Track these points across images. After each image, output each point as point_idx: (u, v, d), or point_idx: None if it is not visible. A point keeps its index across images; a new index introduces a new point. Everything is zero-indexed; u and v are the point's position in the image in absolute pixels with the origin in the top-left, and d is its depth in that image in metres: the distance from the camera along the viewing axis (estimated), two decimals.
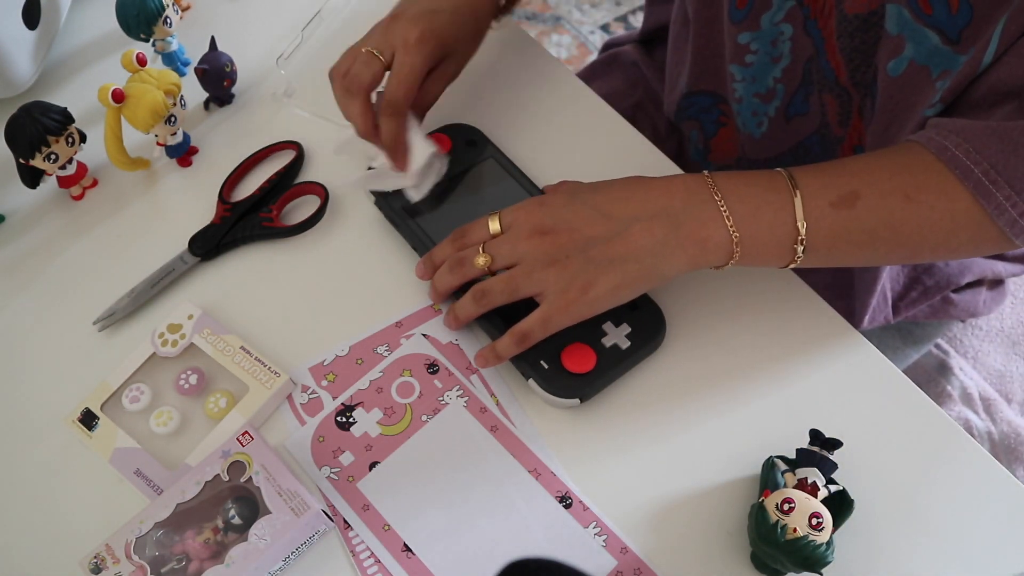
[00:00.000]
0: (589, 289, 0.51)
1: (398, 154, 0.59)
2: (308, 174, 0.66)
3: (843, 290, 0.72)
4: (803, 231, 0.50)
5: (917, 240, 0.52)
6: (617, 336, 0.55)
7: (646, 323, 0.56)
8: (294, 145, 0.67)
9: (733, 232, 0.50)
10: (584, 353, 0.54)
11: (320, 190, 0.64)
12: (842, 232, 0.51)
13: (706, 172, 0.52)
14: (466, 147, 0.64)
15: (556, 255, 0.51)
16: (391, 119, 0.57)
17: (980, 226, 0.51)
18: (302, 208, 0.65)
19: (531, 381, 0.54)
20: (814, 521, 0.46)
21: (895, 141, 0.60)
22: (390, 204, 0.61)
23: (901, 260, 0.55)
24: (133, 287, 0.60)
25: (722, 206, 0.50)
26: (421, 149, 0.59)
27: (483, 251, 0.53)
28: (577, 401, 0.54)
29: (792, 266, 0.52)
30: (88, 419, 0.55)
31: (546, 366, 0.54)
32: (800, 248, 0.51)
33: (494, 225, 0.54)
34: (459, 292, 0.56)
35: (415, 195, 0.61)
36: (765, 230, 0.51)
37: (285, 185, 0.65)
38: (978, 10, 0.50)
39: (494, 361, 0.54)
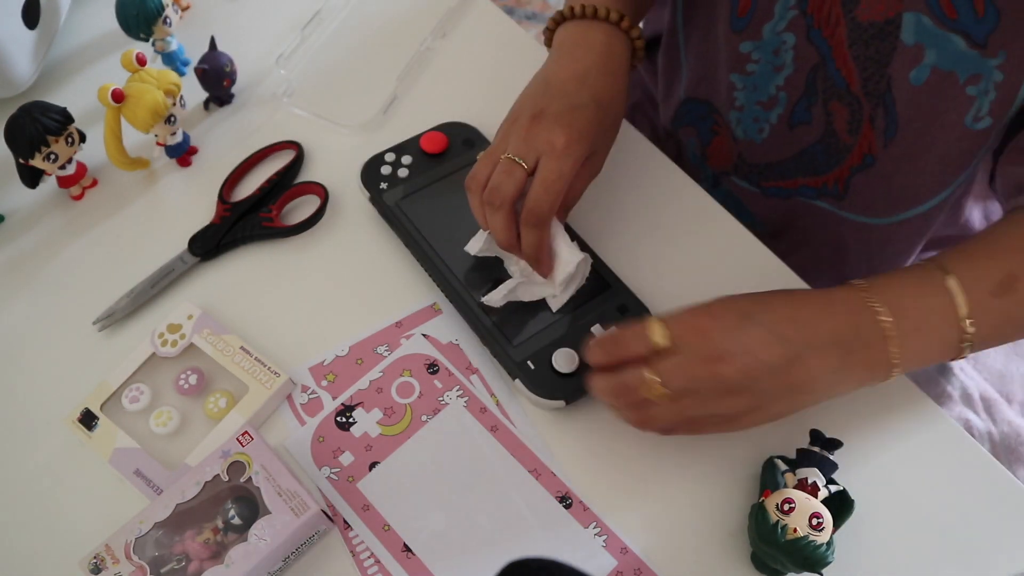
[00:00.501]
0: (756, 414, 0.48)
1: (542, 264, 0.54)
2: (308, 174, 0.66)
3: None
4: (972, 329, 0.48)
5: None
6: None
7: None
8: (294, 145, 0.67)
9: (894, 356, 0.48)
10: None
11: (320, 190, 0.64)
12: (1007, 318, 0.49)
13: (858, 283, 0.50)
14: (463, 146, 0.64)
15: (735, 386, 0.46)
16: (536, 230, 0.52)
17: None
18: (302, 208, 0.65)
19: (517, 381, 0.54)
20: (814, 521, 0.46)
21: (934, 152, 0.60)
22: (384, 201, 0.61)
23: None
24: (133, 287, 0.60)
25: (888, 328, 0.48)
26: (567, 257, 0.54)
27: (652, 375, 0.47)
28: (563, 403, 0.54)
29: (959, 359, 0.51)
30: (88, 419, 0.55)
31: (532, 367, 0.54)
32: (967, 347, 0.49)
33: (658, 337, 0.47)
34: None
35: (555, 304, 0.57)
36: (935, 340, 0.49)
37: (285, 185, 0.65)
38: (1006, 13, 0.49)
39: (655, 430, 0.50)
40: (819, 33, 0.59)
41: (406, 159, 0.63)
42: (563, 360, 0.54)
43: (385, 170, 0.63)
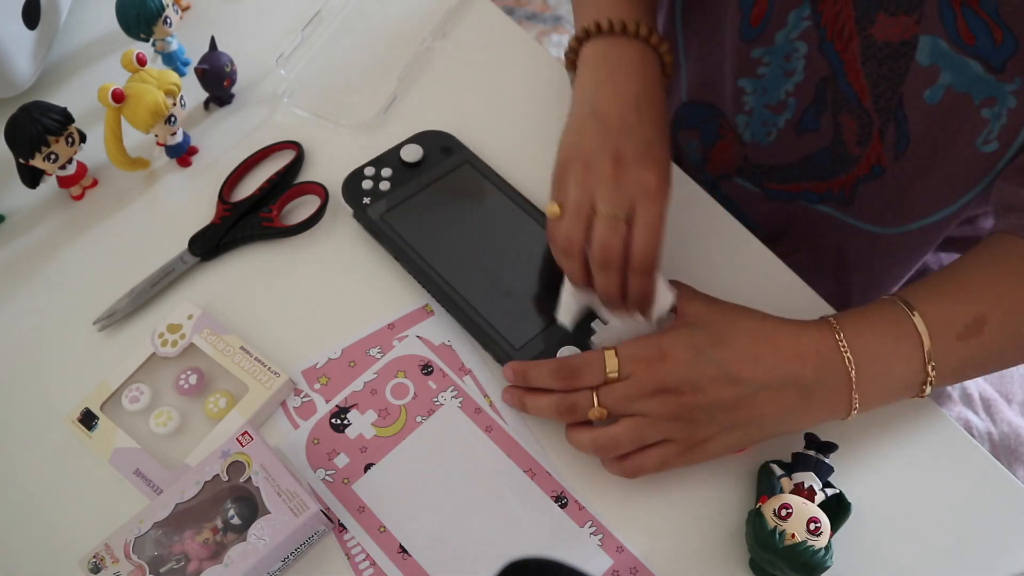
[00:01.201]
0: (708, 445, 0.49)
1: (647, 309, 0.52)
2: (308, 174, 0.66)
3: (843, 300, 0.72)
4: (933, 373, 0.49)
5: None
6: (605, 334, 0.55)
7: None
8: (294, 145, 0.67)
9: (855, 400, 0.49)
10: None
11: (320, 190, 0.64)
12: (971, 360, 0.50)
13: (832, 322, 0.50)
14: (440, 154, 0.64)
15: (680, 414, 0.48)
16: (648, 279, 0.50)
17: None
18: (302, 208, 0.65)
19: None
20: (812, 526, 0.46)
21: (944, 169, 0.60)
22: (368, 216, 0.61)
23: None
24: (133, 287, 0.61)
25: (853, 374, 0.48)
26: (664, 297, 0.53)
27: (598, 403, 0.49)
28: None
29: (918, 398, 0.51)
30: (88, 419, 0.55)
31: None
32: (928, 388, 0.50)
33: (611, 367, 0.49)
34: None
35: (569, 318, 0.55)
36: (896, 382, 0.50)
37: (285, 185, 0.65)
38: None
39: (577, 444, 0.51)
40: (831, 46, 0.59)
41: (386, 172, 0.63)
42: None
43: (366, 184, 0.62)
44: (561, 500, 0.52)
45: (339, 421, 0.55)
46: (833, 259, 0.74)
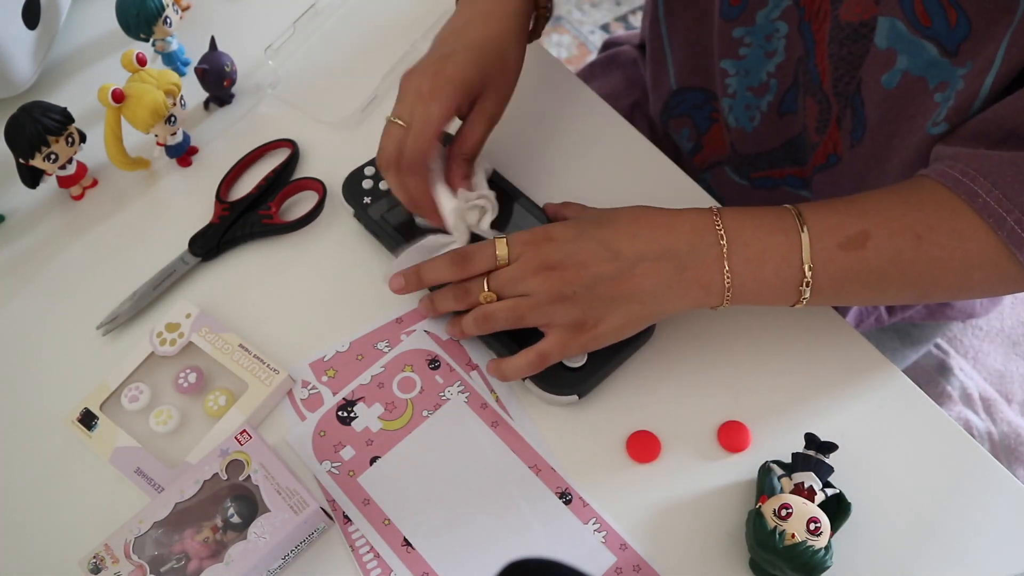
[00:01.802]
0: (596, 326, 0.51)
1: (424, 211, 0.57)
2: (305, 170, 0.66)
3: None
4: (809, 274, 0.49)
5: (928, 280, 0.51)
6: None
7: None
8: (289, 143, 0.67)
9: (727, 277, 0.50)
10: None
11: (318, 186, 0.64)
12: (850, 273, 0.50)
13: (714, 208, 0.52)
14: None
15: (563, 291, 0.50)
16: (411, 176, 0.55)
17: (997, 265, 0.49)
18: (300, 204, 0.65)
19: (528, 381, 0.54)
20: (812, 526, 0.46)
21: (899, 155, 0.60)
22: (369, 216, 0.61)
23: (912, 300, 0.54)
24: (135, 290, 0.60)
25: (724, 246, 0.50)
26: (447, 202, 0.56)
27: (488, 287, 0.52)
28: (575, 397, 0.54)
29: (798, 306, 0.52)
30: (87, 419, 0.55)
31: None
32: (807, 290, 0.50)
33: (500, 252, 0.52)
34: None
35: (458, 242, 0.57)
36: (770, 273, 0.50)
37: (282, 182, 0.65)
38: (976, 25, 0.50)
39: (504, 378, 0.54)
40: (808, 26, 0.60)
41: None
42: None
43: (367, 184, 0.62)
44: (565, 496, 0.52)
45: (346, 414, 0.55)
46: None
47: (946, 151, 0.52)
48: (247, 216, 0.63)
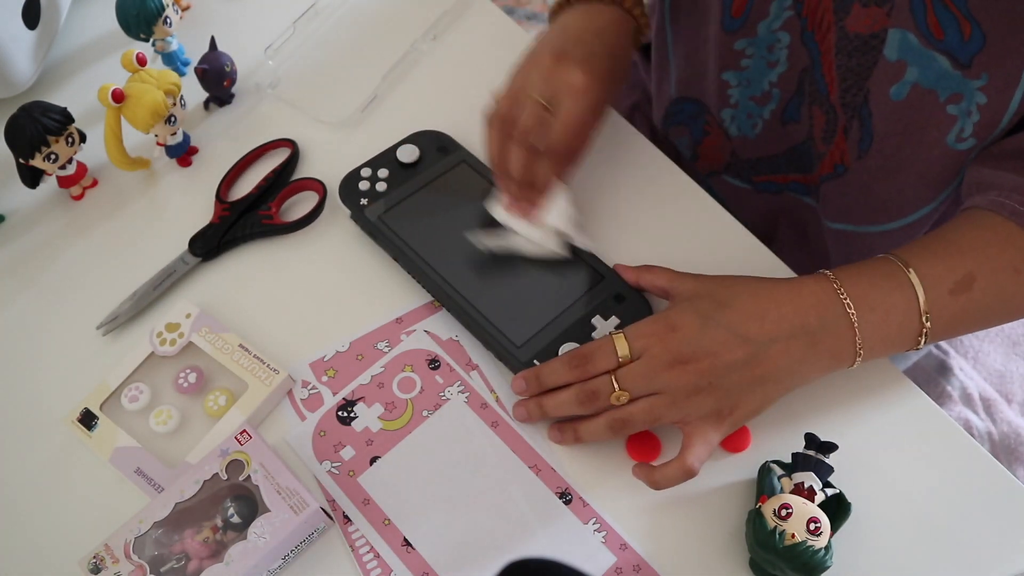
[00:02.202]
0: (732, 413, 0.50)
1: (540, 200, 0.57)
2: (305, 170, 0.66)
3: None
4: (928, 324, 0.51)
5: None
6: (607, 329, 0.55)
7: (634, 314, 0.56)
8: (289, 143, 0.67)
9: (859, 344, 0.50)
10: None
11: (318, 186, 0.64)
12: (961, 315, 0.51)
13: (830, 275, 0.52)
14: (437, 154, 0.64)
15: (699, 384, 0.49)
16: (555, 164, 0.55)
17: None
18: (301, 205, 0.65)
19: None
20: (812, 526, 0.46)
21: (913, 168, 0.60)
22: (366, 217, 0.61)
23: (1006, 322, 0.56)
24: (135, 290, 0.60)
25: (854, 319, 0.50)
26: (560, 207, 0.57)
27: (618, 386, 0.50)
28: None
29: (914, 350, 0.53)
30: (87, 419, 0.55)
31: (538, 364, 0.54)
32: (923, 339, 0.51)
33: (622, 350, 0.50)
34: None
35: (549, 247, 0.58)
36: (895, 331, 0.51)
37: (282, 183, 0.65)
38: (991, 38, 0.50)
39: (659, 487, 0.51)
40: (812, 36, 0.60)
41: (383, 172, 0.63)
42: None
43: (363, 186, 0.62)
44: (565, 496, 0.52)
45: (346, 414, 0.55)
46: (818, 256, 0.74)
47: (995, 178, 0.53)
48: (247, 216, 0.63)
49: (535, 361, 0.54)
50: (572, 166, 0.57)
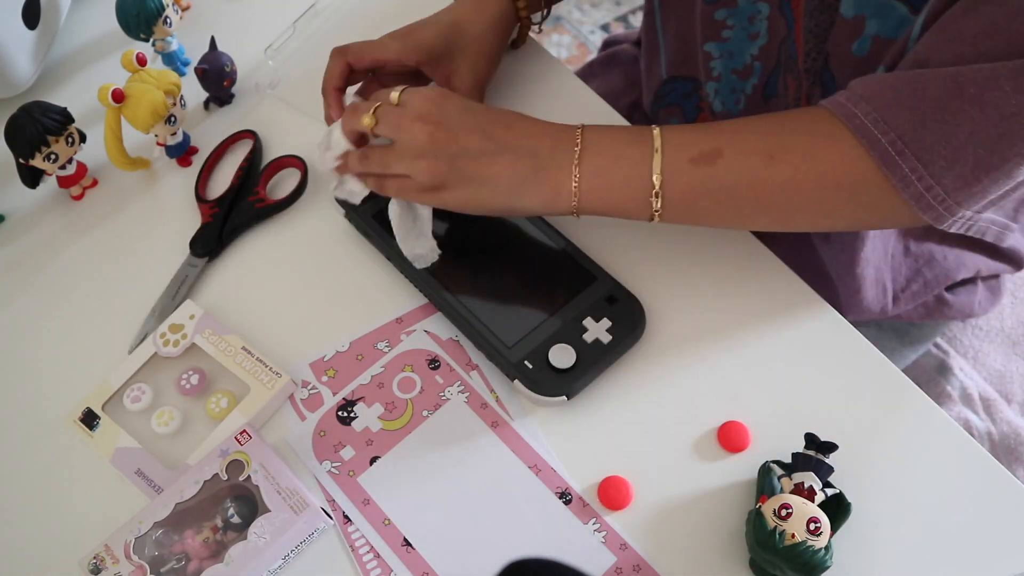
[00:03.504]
0: (441, 192, 0.54)
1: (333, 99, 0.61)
2: (274, 152, 0.67)
3: (816, 274, 0.70)
4: (658, 184, 0.51)
5: (783, 202, 0.51)
6: (598, 331, 0.55)
7: (626, 315, 0.56)
8: (250, 134, 0.67)
9: (575, 180, 0.52)
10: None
11: (297, 162, 0.65)
12: (700, 188, 0.51)
13: (582, 124, 0.54)
14: None
15: (428, 150, 0.53)
16: (333, 57, 0.61)
17: (865, 187, 0.49)
18: (284, 184, 0.66)
19: (516, 382, 0.54)
20: (812, 526, 0.46)
21: None
22: (359, 216, 0.61)
23: (775, 225, 0.55)
24: (153, 306, 0.60)
25: (576, 156, 0.52)
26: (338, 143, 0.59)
27: (373, 112, 0.54)
28: (564, 398, 0.54)
29: (654, 220, 0.53)
30: (89, 419, 0.55)
31: (530, 366, 0.54)
32: (656, 201, 0.52)
33: (392, 95, 0.55)
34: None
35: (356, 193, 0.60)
36: (621, 180, 0.52)
37: (256, 169, 0.66)
38: None
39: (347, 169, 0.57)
40: (788, 4, 0.59)
41: None
42: (560, 356, 0.54)
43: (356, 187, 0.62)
44: (565, 497, 0.52)
45: (346, 414, 0.55)
46: (801, 236, 0.73)
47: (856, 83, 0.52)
48: (239, 206, 0.63)
49: (526, 362, 0.54)
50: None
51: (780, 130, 0.51)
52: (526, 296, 0.57)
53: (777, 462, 0.51)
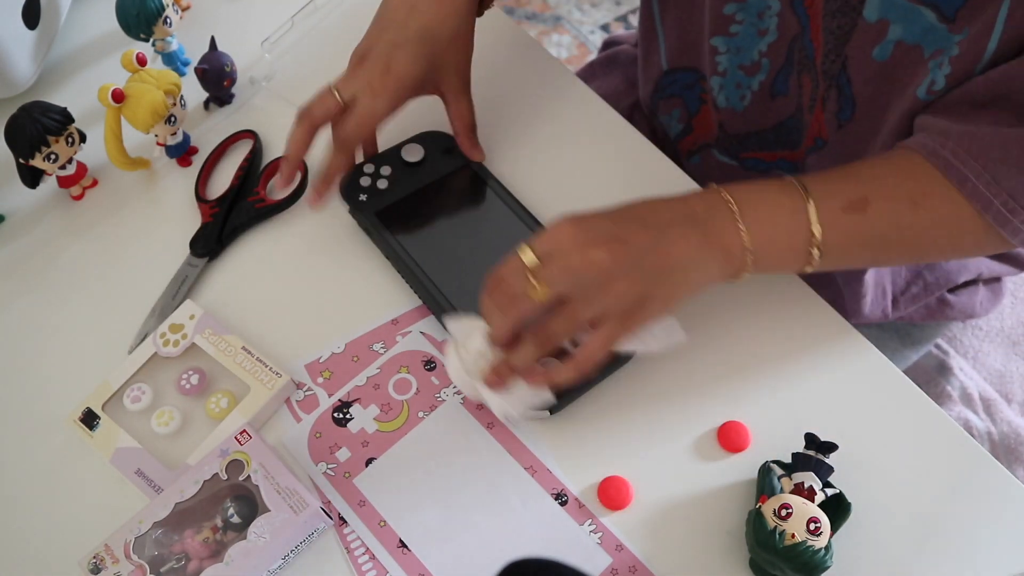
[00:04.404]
0: (645, 305, 0.49)
1: (325, 187, 0.60)
2: (275, 153, 0.67)
3: (823, 279, 0.71)
4: (818, 235, 0.51)
5: (926, 243, 0.53)
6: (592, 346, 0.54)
7: None
8: (250, 134, 0.67)
9: (744, 235, 0.50)
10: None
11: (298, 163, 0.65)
12: (856, 235, 0.51)
13: (713, 184, 0.52)
14: (441, 155, 0.64)
15: (615, 269, 0.48)
16: (340, 154, 0.59)
17: (987, 234, 0.52)
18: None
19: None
20: (812, 526, 0.46)
21: (888, 127, 0.60)
22: (363, 213, 0.61)
23: (909, 262, 0.57)
24: (153, 306, 0.60)
25: (733, 207, 0.50)
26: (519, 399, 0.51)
27: (532, 280, 0.48)
28: (547, 413, 0.53)
29: (808, 270, 0.53)
30: (89, 419, 0.55)
31: None
32: (816, 252, 0.51)
33: (528, 257, 0.48)
34: None
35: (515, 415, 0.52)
36: (783, 235, 0.51)
37: (256, 170, 0.66)
38: None
39: (511, 373, 0.50)
40: (801, 2, 0.59)
41: (385, 170, 0.63)
42: None
43: (364, 182, 0.62)
44: (561, 498, 0.52)
45: (341, 415, 0.55)
46: None
47: (934, 123, 0.53)
48: (238, 206, 0.63)
49: None
50: (358, 153, 0.62)
51: (910, 176, 0.52)
52: None
53: (777, 462, 0.51)
